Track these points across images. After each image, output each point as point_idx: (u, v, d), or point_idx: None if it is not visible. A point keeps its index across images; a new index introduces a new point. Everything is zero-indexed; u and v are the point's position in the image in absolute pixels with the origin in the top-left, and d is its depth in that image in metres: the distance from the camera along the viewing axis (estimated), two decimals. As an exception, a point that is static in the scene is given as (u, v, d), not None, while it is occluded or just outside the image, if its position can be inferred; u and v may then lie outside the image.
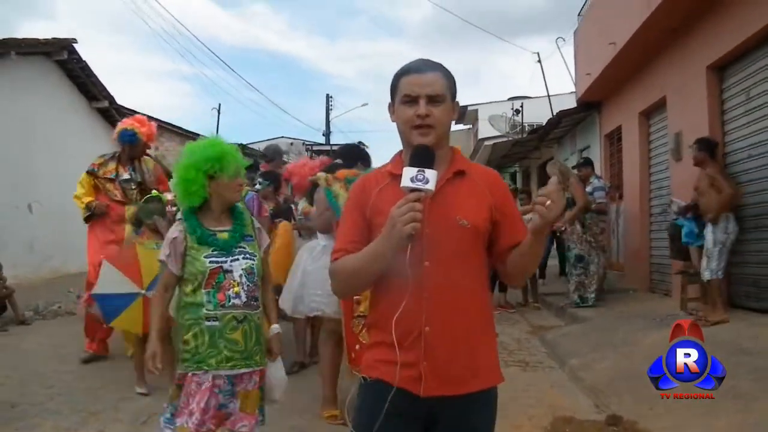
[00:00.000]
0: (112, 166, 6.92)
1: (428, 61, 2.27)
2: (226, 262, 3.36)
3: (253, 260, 3.44)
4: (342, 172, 5.22)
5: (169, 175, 7.00)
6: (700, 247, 7.37)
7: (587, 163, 10.78)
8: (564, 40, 15.03)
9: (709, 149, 7.18)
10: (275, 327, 3.57)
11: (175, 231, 3.45)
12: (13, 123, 11.05)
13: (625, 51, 9.99)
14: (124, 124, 6.95)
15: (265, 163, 9.31)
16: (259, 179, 7.58)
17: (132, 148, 6.90)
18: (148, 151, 7.36)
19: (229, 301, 3.34)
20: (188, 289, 3.36)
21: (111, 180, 6.88)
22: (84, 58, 13.08)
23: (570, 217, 9.21)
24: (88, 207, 6.83)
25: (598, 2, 12.39)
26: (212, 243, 3.37)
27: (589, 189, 9.84)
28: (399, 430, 2.16)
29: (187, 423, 3.26)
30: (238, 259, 3.39)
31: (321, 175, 5.32)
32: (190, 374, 3.30)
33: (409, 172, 2.01)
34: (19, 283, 9.24)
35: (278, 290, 5.73)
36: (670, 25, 8.76)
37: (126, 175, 6.92)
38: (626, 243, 11.89)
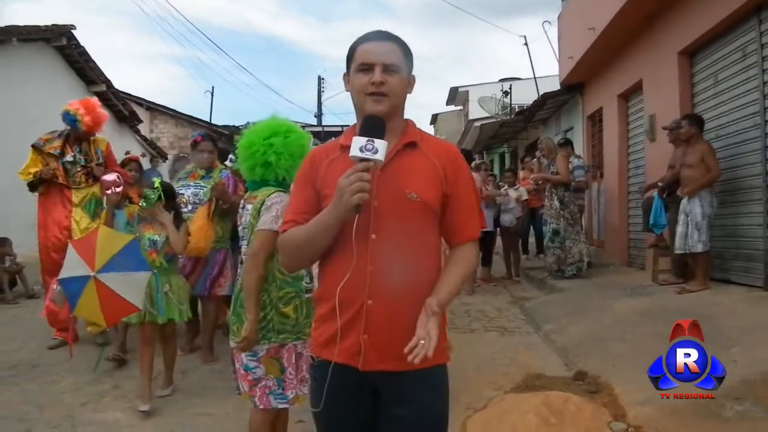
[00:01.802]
0: (57, 143, 6.53)
1: (386, 32, 2.24)
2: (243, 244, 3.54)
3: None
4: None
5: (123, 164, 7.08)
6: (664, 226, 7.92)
7: (567, 142, 11.31)
8: (550, 23, 15.45)
9: (699, 125, 7.41)
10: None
11: (283, 197, 3.35)
12: (14, 107, 11.36)
13: (604, 36, 10.42)
14: (71, 105, 6.49)
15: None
16: (231, 156, 7.16)
17: (75, 131, 6.54)
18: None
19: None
20: None
21: (54, 157, 6.48)
22: (82, 44, 13.47)
23: (542, 178, 9.89)
24: (33, 175, 6.43)
25: (579, -12, 12.80)
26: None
27: (569, 167, 10.23)
28: (349, 406, 2.17)
29: (301, 391, 3.40)
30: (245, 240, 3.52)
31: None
32: (291, 345, 3.40)
33: (358, 142, 1.99)
34: (25, 260, 9.67)
35: None
36: (645, 12, 9.18)
37: (69, 156, 6.56)
38: (606, 220, 12.37)
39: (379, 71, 2.11)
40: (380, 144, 1.98)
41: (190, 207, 5.98)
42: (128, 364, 5.81)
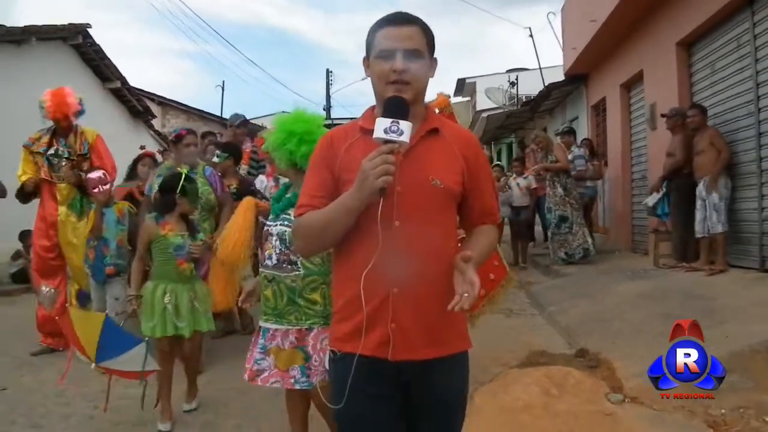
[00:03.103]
0: (45, 139, 6.33)
1: (406, 13, 2.13)
2: (272, 226, 3.58)
3: (288, 227, 3.43)
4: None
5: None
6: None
7: (570, 131, 11.59)
8: (555, 14, 15.74)
9: (704, 113, 7.69)
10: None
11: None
12: (34, 104, 11.73)
13: (605, 28, 10.73)
14: (42, 96, 6.31)
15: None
16: (217, 151, 7.18)
17: (57, 124, 6.33)
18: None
19: (264, 262, 3.58)
20: None
21: (41, 154, 6.29)
22: (97, 42, 13.85)
23: (543, 168, 10.21)
24: (22, 184, 6.34)
25: (581, -19, 13.06)
26: (274, 208, 3.66)
27: (570, 157, 10.58)
28: (374, 400, 2.08)
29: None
30: (277, 225, 3.54)
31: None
32: (317, 329, 3.47)
33: (382, 123, 1.92)
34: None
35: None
36: (644, 4, 9.46)
37: (53, 150, 6.31)
38: (610, 207, 12.69)
39: (400, 58, 2.02)
40: (405, 125, 1.91)
41: None
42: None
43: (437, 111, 4.83)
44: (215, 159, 6.78)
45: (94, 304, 5.94)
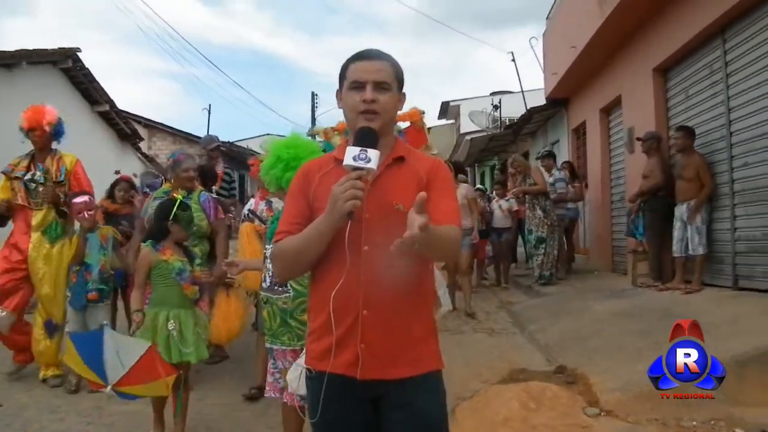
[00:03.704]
0: (24, 163, 6.11)
1: (377, 50, 2.27)
2: (267, 249, 3.73)
3: None
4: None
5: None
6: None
7: (550, 155, 11.88)
8: (537, 39, 16.05)
9: (691, 136, 7.75)
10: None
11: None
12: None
13: (585, 54, 11.05)
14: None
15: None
16: None
17: (33, 142, 6.10)
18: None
19: (261, 284, 3.83)
20: None
21: (19, 179, 6.07)
22: (86, 66, 14.03)
23: (521, 191, 10.38)
24: None
25: (561, 8, 13.44)
26: (270, 229, 3.83)
27: (551, 179, 10.87)
28: (347, 416, 2.19)
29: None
30: (269, 249, 3.62)
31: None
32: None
33: (351, 152, 2.02)
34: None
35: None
36: (622, 31, 9.75)
37: (29, 174, 6.06)
38: (590, 228, 12.93)
39: (370, 89, 2.15)
40: (373, 153, 2.02)
41: None
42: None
43: (408, 123, 4.96)
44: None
45: (71, 327, 5.74)
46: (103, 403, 5.16)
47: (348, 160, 2.01)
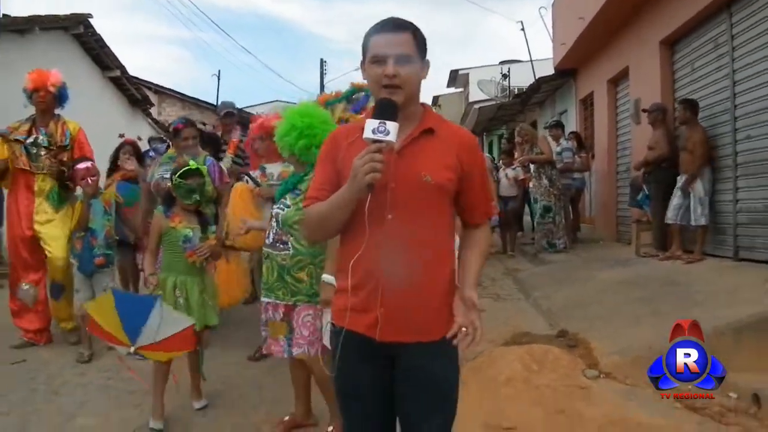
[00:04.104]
0: (25, 127, 6.05)
1: (398, 20, 2.26)
2: (273, 208, 4.00)
3: (283, 210, 3.86)
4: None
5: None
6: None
7: (558, 125, 11.99)
8: (546, 9, 16.08)
9: (692, 109, 7.87)
10: (325, 276, 3.53)
11: None
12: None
13: (593, 25, 11.08)
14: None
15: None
16: None
17: (34, 105, 6.05)
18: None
19: (265, 240, 4.00)
20: None
21: (20, 143, 6.03)
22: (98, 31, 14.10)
23: (528, 159, 10.55)
24: None
25: (570, -21, 13.41)
26: (277, 192, 4.06)
27: (558, 149, 11.01)
28: (365, 368, 2.29)
29: (308, 351, 3.83)
30: (275, 208, 3.96)
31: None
32: (302, 306, 3.86)
33: (370, 124, 2.06)
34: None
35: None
36: (630, 3, 9.80)
37: (32, 138, 6.02)
38: (596, 198, 13.08)
39: (391, 63, 2.15)
40: (391, 126, 2.04)
41: None
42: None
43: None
44: None
45: (81, 295, 5.72)
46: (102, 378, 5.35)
47: (367, 133, 2.06)
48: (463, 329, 2.11)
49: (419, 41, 2.24)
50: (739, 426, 4.01)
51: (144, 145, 8.95)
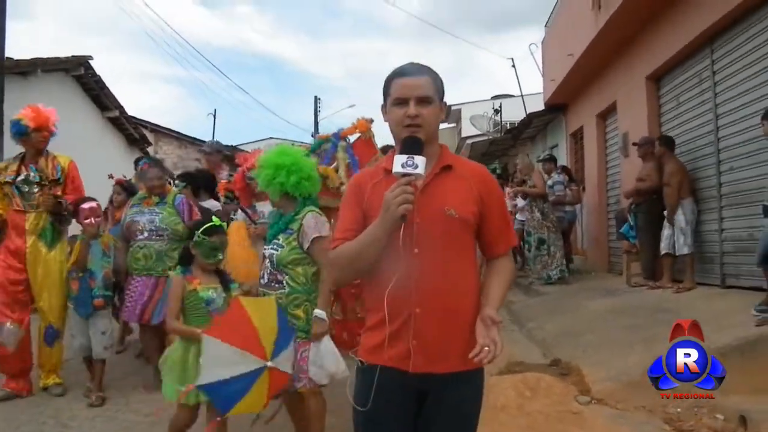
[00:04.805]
0: (13, 167, 5.80)
1: (418, 64, 2.39)
2: (266, 249, 4.11)
3: (277, 251, 3.95)
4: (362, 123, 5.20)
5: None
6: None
7: (551, 159, 12.23)
8: (536, 46, 16.41)
9: (668, 144, 8.23)
10: (317, 312, 3.89)
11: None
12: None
13: (582, 61, 11.44)
14: (16, 116, 5.79)
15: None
16: (176, 181, 7.10)
17: (27, 143, 5.78)
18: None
19: (260, 281, 4.15)
20: None
21: (10, 183, 5.76)
22: (98, 73, 14.39)
23: (521, 191, 10.78)
24: None
25: (559, 17, 13.84)
26: (269, 233, 4.16)
27: (550, 182, 11.24)
28: (393, 406, 2.32)
29: (299, 381, 3.97)
30: (269, 249, 4.05)
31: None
32: (300, 342, 3.96)
33: (399, 159, 2.15)
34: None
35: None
36: (617, 40, 10.11)
37: (23, 175, 5.75)
38: (588, 230, 13.30)
39: (413, 105, 2.27)
40: (420, 160, 2.15)
41: (146, 234, 5.83)
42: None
43: (357, 134, 5.16)
44: (174, 189, 6.49)
45: (78, 340, 5.66)
46: (128, 395, 5.58)
47: (397, 167, 2.16)
48: (485, 348, 2.13)
49: (438, 84, 2.37)
50: (726, 446, 4.14)
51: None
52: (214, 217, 4.30)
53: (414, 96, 2.28)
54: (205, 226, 4.12)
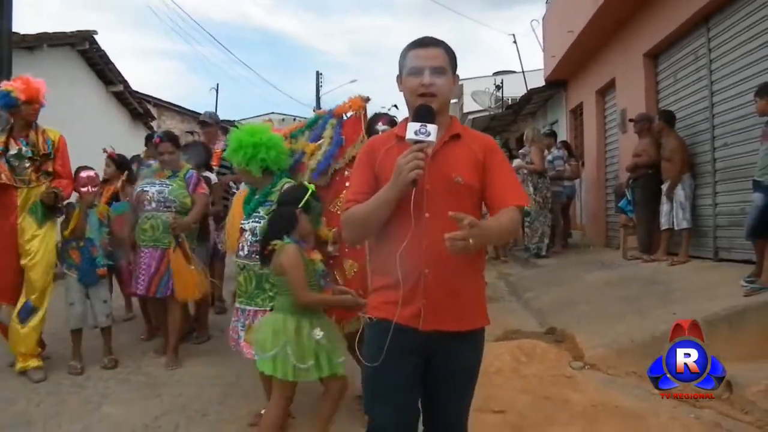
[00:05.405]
0: (2, 138, 5.46)
1: (432, 37, 2.48)
2: (245, 223, 4.26)
3: (260, 222, 4.12)
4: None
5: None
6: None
7: (551, 134, 12.42)
8: (538, 22, 16.46)
9: (667, 119, 8.35)
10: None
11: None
12: (44, 109, 12.31)
13: (581, 38, 11.54)
14: (5, 85, 5.54)
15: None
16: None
17: (16, 115, 5.49)
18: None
19: (237, 252, 4.26)
20: None
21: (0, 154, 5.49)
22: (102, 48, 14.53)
23: (519, 166, 10.85)
24: None
25: (559, -6, 13.90)
26: (245, 209, 4.32)
27: (550, 157, 11.42)
28: (402, 362, 2.41)
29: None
30: (249, 222, 4.21)
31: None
32: (243, 308, 4.25)
33: (412, 127, 2.25)
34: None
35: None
36: (615, 17, 10.23)
37: (14, 149, 5.46)
38: (586, 206, 13.50)
39: (427, 74, 2.38)
40: (432, 128, 2.24)
41: (153, 204, 5.79)
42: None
43: (351, 113, 5.17)
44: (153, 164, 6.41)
45: (77, 308, 5.60)
46: (139, 360, 5.81)
47: (410, 134, 2.26)
48: (457, 236, 2.12)
49: (450, 56, 2.49)
50: (712, 409, 4.35)
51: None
52: (310, 187, 3.90)
53: (429, 66, 2.39)
54: (311, 191, 3.80)
